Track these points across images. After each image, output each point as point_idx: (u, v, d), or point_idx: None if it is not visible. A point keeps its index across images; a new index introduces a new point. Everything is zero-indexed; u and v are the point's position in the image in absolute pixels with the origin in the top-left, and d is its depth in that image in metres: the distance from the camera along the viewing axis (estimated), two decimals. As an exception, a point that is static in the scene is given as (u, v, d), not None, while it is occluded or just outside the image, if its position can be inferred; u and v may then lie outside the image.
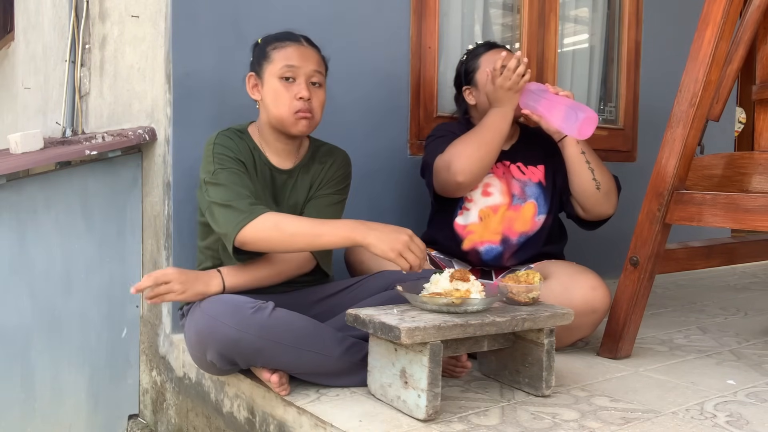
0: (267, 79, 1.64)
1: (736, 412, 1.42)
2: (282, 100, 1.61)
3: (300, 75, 1.62)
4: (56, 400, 2.05)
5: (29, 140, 2.35)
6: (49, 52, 3.22)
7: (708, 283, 3.20)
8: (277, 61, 1.62)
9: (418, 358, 1.32)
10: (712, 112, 1.81)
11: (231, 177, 1.56)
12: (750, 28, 1.83)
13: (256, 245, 1.50)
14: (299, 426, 1.43)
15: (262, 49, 1.67)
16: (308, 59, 1.63)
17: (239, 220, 1.49)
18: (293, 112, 1.61)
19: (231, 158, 1.60)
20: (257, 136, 1.71)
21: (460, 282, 1.45)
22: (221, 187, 1.55)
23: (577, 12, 3.05)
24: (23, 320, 2.00)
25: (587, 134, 1.82)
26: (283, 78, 1.61)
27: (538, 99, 1.92)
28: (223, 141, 1.63)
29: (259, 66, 1.67)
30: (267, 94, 1.64)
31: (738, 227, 1.62)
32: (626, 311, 1.79)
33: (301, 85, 1.61)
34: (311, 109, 1.63)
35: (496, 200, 2.00)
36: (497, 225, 2.00)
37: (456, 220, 2.02)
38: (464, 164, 1.89)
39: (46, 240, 2.03)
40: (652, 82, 3.20)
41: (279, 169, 1.71)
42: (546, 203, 2.03)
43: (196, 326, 1.49)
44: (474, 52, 2.11)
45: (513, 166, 2.05)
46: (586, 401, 1.47)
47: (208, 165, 1.60)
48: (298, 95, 1.61)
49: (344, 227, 1.46)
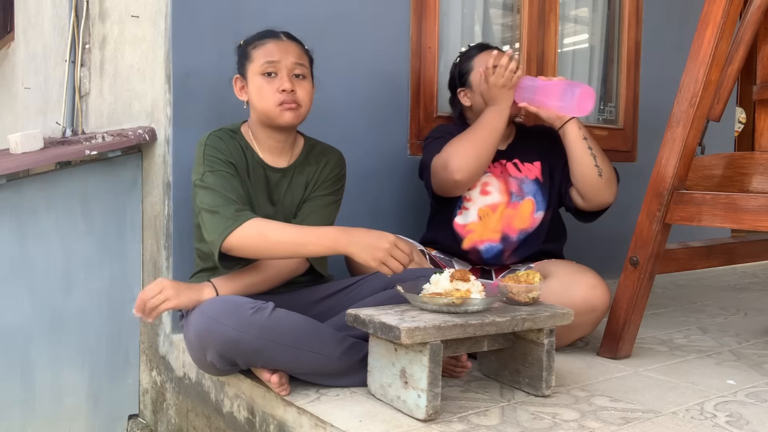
0: (251, 78, 1.65)
1: (736, 412, 1.41)
2: (265, 95, 1.62)
3: (281, 69, 1.63)
4: (56, 400, 2.05)
5: (29, 140, 2.35)
6: (49, 52, 3.22)
7: (708, 283, 3.20)
8: (257, 59, 1.64)
9: (418, 358, 1.32)
10: (712, 113, 1.81)
11: (219, 181, 1.56)
12: (750, 28, 1.83)
13: (241, 252, 1.50)
14: (299, 426, 1.43)
15: (244, 49, 1.68)
16: (288, 52, 1.64)
17: (224, 228, 1.49)
18: (277, 104, 1.62)
19: (221, 160, 1.60)
20: (249, 136, 1.72)
21: (460, 282, 1.45)
22: (209, 192, 1.55)
23: (577, 12, 3.05)
24: (23, 320, 2.00)
25: (587, 109, 1.85)
26: (264, 74, 1.62)
27: (533, 89, 1.94)
28: (214, 142, 1.63)
29: (242, 67, 1.68)
30: (252, 93, 1.66)
31: (738, 227, 1.62)
32: (626, 311, 1.79)
33: (283, 78, 1.62)
34: (296, 100, 1.64)
35: (494, 199, 2.01)
36: (496, 223, 2.00)
37: (455, 220, 2.02)
38: (461, 162, 1.89)
39: (46, 240, 2.03)
40: (652, 82, 3.20)
41: (273, 168, 1.71)
42: (544, 199, 2.04)
43: (196, 327, 1.49)
44: (467, 54, 2.12)
45: (509, 164, 2.06)
46: (586, 401, 1.47)
47: (198, 166, 1.60)
48: (280, 88, 1.62)
49: (328, 237, 1.47)
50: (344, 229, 1.47)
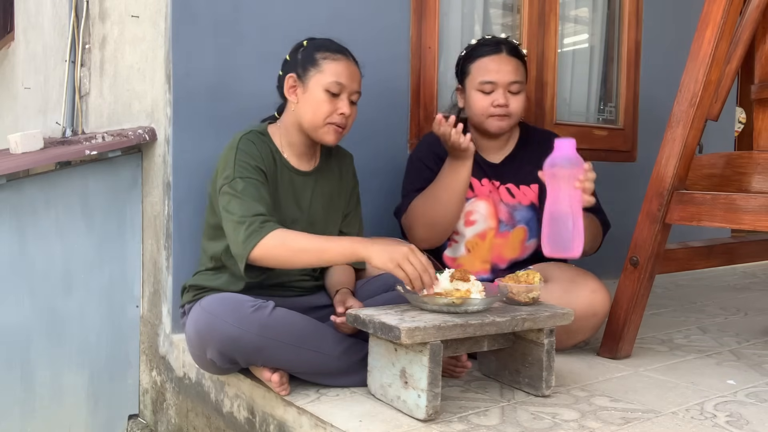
0: (312, 87, 1.64)
1: (736, 412, 1.42)
2: (323, 111, 1.63)
3: (345, 92, 1.65)
4: (56, 400, 2.05)
5: (29, 140, 2.35)
6: (49, 52, 3.22)
7: (708, 283, 3.20)
8: (327, 72, 1.63)
9: (418, 358, 1.32)
10: (711, 112, 1.81)
11: (249, 189, 1.55)
12: (749, 28, 1.83)
13: (266, 263, 1.51)
14: (299, 426, 1.43)
15: (311, 54, 1.66)
16: (354, 79, 1.67)
17: (249, 241, 1.48)
18: (329, 122, 1.64)
19: (252, 167, 1.59)
20: (278, 138, 1.71)
21: (460, 282, 1.45)
22: (237, 200, 1.54)
23: (577, 12, 3.05)
24: (23, 320, 2.00)
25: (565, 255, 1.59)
26: (329, 91, 1.63)
27: (557, 177, 1.58)
28: (247, 146, 1.62)
29: (303, 70, 1.65)
30: (308, 101, 1.64)
31: (738, 227, 1.62)
32: (626, 311, 1.79)
33: (344, 102, 1.64)
34: (346, 125, 1.67)
35: (481, 227, 1.95)
36: (486, 253, 1.96)
37: (445, 253, 2.00)
38: (423, 233, 1.88)
39: (46, 240, 2.03)
40: (652, 82, 3.20)
41: (299, 171, 1.72)
42: (538, 226, 1.95)
43: (197, 324, 1.49)
44: (468, 55, 2.00)
45: (502, 188, 1.99)
46: (586, 401, 1.47)
47: (227, 169, 1.58)
48: (339, 111, 1.64)
49: (348, 242, 1.47)
50: (363, 239, 1.48)
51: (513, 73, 1.91)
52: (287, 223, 1.63)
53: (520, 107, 1.94)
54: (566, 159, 1.56)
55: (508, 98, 1.91)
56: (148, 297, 2.13)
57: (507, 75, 1.91)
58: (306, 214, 1.71)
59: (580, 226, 1.54)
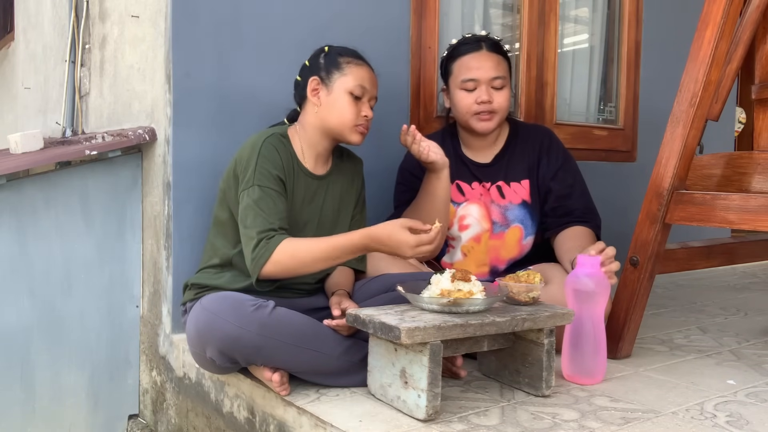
0: (336, 90, 1.69)
1: (736, 412, 1.42)
2: (348, 114, 1.68)
3: (366, 95, 1.72)
4: (56, 400, 2.05)
5: (29, 140, 2.35)
6: (49, 52, 3.22)
7: (708, 283, 3.20)
8: (351, 77, 1.69)
9: (418, 358, 1.32)
10: (711, 112, 1.81)
11: (265, 200, 1.57)
12: (749, 28, 1.83)
13: (277, 276, 1.53)
14: (299, 426, 1.43)
15: (334, 58, 1.71)
16: (375, 85, 1.75)
17: (259, 259, 1.50)
18: (354, 125, 1.69)
19: (272, 176, 1.61)
20: (297, 141, 1.73)
21: (461, 282, 1.45)
22: (252, 209, 1.56)
23: (577, 12, 3.05)
24: (23, 320, 2.00)
25: None
26: (353, 95, 1.68)
27: (580, 295, 1.56)
28: (269, 152, 1.63)
29: (327, 74, 1.70)
30: (332, 104, 1.69)
31: (737, 227, 1.62)
32: (626, 311, 1.79)
33: (366, 105, 1.72)
34: (368, 126, 1.73)
35: (475, 230, 1.96)
36: (483, 256, 1.96)
37: (443, 259, 2.01)
38: None
39: (46, 240, 2.03)
40: (652, 82, 3.20)
41: (313, 175, 1.73)
42: (533, 222, 1.97)
43: (197, 322, 1.50)
44: (452, 53, 1.99)
45: (493, 189, 1.98)
46: (586, 401, 1.47)
47: (247, 170, 1.60)
48: (363, 113, 1.70)
49: (356, 238, 1.50)
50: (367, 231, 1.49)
51: (494, 68, 1.91)
52: (299, 226, 1.67)
53: (504, 102, 1.94)
54: (590, 278, 1.55)
55: (491, 94, 1.91)
56: (148, 297, 2.13)
57: (488, 71, 1.91)
58: (317, 216, 1.73)
59: (603, 349, 1.59)
